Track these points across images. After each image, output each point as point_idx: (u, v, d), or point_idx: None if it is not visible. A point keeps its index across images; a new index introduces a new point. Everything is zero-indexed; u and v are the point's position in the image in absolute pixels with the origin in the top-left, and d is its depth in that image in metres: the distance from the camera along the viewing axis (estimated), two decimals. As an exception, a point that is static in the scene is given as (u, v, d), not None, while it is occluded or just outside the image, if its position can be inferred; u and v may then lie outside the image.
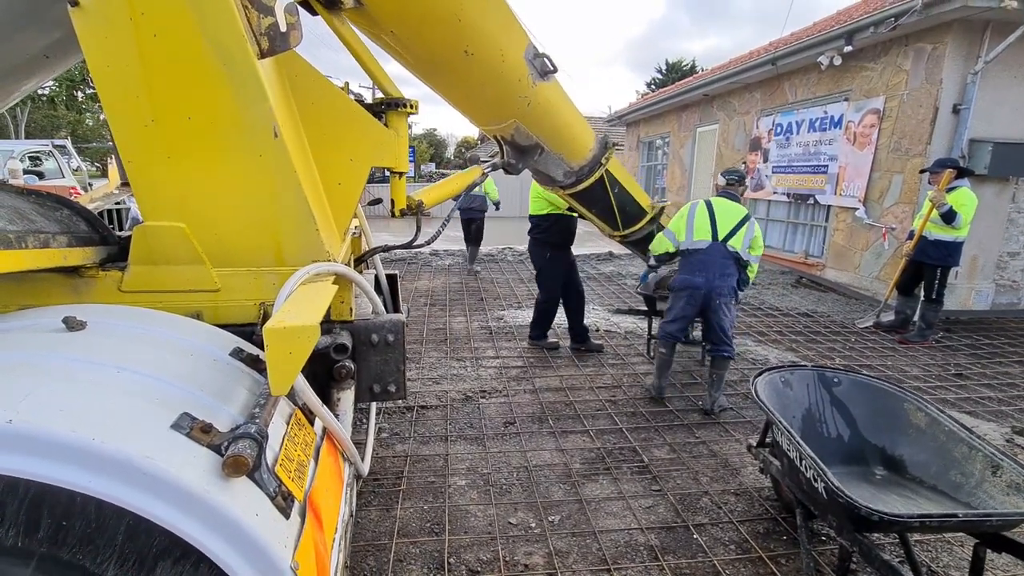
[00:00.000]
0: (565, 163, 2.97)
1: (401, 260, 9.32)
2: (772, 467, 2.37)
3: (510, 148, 2.71)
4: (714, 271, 3.36)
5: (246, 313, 1.47)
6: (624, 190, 3.39)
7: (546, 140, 2.72)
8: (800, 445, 1.97)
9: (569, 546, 2.28)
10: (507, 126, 2.53)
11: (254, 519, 0.86)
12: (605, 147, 3.15)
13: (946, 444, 2.07)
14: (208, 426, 0.93)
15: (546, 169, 3.01)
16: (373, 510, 2.48)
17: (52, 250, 1.23)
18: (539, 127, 2.61)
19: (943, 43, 5.69)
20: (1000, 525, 1.72)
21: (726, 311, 3.41)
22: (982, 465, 1.91)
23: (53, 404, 0.82)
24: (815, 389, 2.47)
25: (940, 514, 1.71)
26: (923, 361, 4.65)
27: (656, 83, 31.01)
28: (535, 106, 2.44)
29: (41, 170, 9.32)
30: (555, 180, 3.15)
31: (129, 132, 1.30)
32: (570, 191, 3.23)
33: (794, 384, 2.47)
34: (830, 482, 1.78)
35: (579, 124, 2.92)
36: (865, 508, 1.66)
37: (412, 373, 4.17)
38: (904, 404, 2.29)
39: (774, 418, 2.17)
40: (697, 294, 3.41)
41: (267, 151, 1.37)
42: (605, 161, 3.14)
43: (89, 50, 1.24)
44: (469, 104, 2.49)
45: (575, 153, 2.97)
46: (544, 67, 2.36)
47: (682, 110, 11.71)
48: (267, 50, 1.34)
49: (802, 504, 2.11)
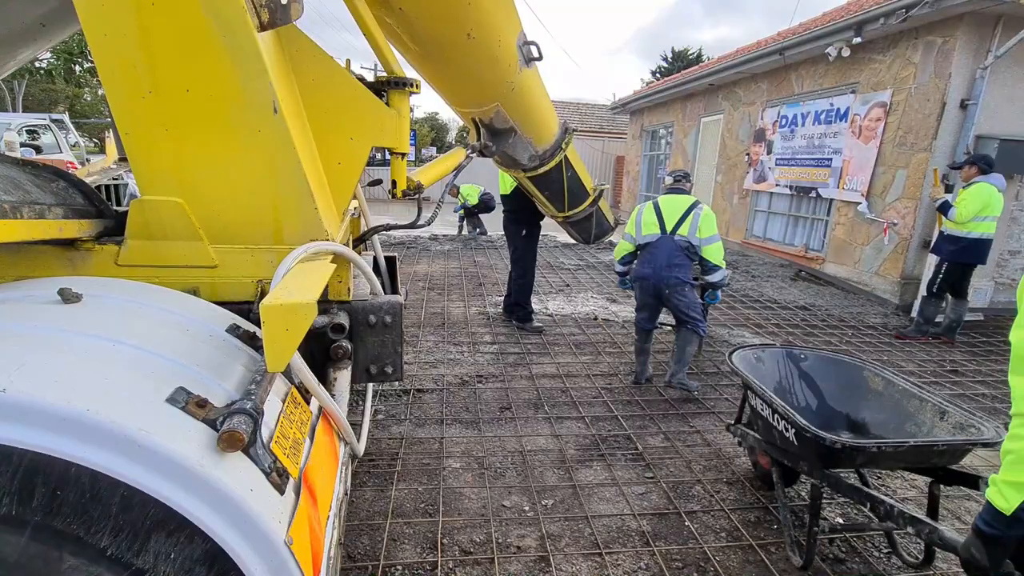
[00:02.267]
0: (532, 147, 3.10)
1: (400, 244, 9.30)
2: (749, 438, 2.53)
3: (487, 131, 2.78)
4: (661, 262, 3.48)
5: (243, 290, 1.47)
6: (576, 174, 3.55)
7: (520, 124, 2.82)
8: (772, 398, 2.17)
9: (562, 530, 2.30)
10: (488, 109, 2.61)
11: (248, 494, 0.87)
12: (565, 132, 3.30)
13: (900, 401, 2.28)
14: (204, 401, 0.92)
15: (514, 152, 3.11)
16: (368, 490, 2.50)
17: (48, 221, 1.21)
18: (517, 111, 2.71)
19: (953, 37, 5.62)
20: (945, 452, 1.91)
21: (681, 296, 3.49)
22: (931, 413, 2.13)
23: (48, 375, 0.82)
24: (784, 365, 2.63)
25: (894, 441, 1.89)
26: (919, 357, 4.67)
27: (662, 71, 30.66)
28: (517, 91, 2.52)
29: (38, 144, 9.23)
30: (519, 163, 3.25)
31: (126, 103, 1.28)
32: (531, 174, 3.35)
33: (766, 360, 2.63)
34: (798, 423, 1.98)
35: (549, 110, 3.05)
36: (829, 438, 1.87)
37: (409, 357, 4.18)
38: (863, 372, 2.48)
39: (749, 380, 2.34)
40: (647, 284, 3.57)
41: (266, 127, 1.35)
42: (565, 146, 3.28)
43: (86, 18, 1.21)
44: (458, 86, 2.55)
45: (542, 137, 3.10)
46: (530, 54, 2.44)
47: (687, 99, 11.60)
48: (267, 22, 1.31)
49: (778, 463, 2.32)
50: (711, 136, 10.80)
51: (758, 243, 8.94)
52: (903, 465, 2.13)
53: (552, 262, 8.34)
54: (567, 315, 5.49)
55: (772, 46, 7.91)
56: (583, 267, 8.13)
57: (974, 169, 4.80)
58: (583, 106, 23.29)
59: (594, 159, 18.13)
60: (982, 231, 4.75)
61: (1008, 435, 1.25)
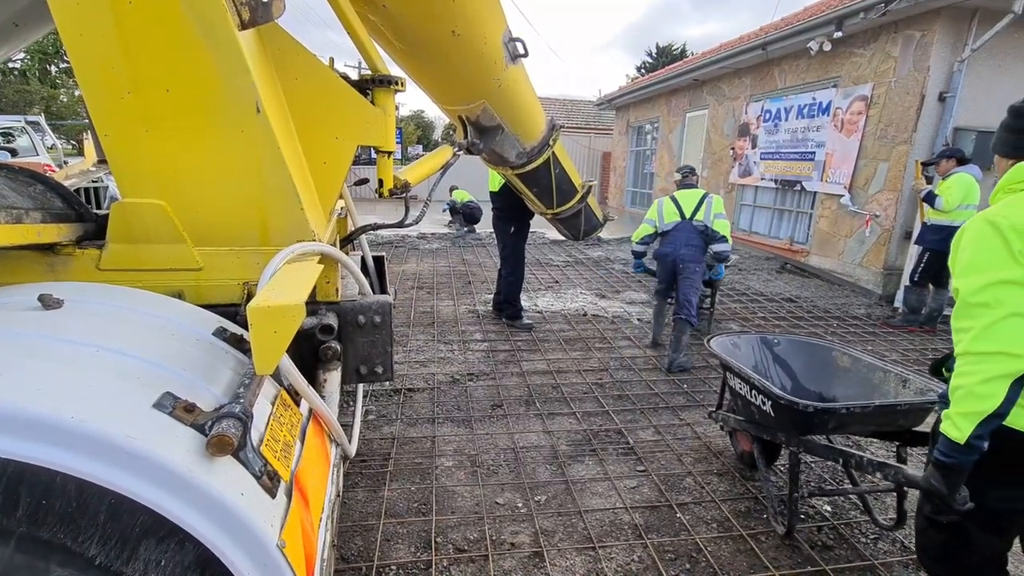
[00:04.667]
0: (520, 144, 3.08)
1: (388, 243, 9.24)
2: (731, 421, 2.69)
3: (474, 128, 2.76)
4: (680, 241, 4.16)
5: (229, 293, 1.45)
6: (564, 171, 3.54)
7: (507, 121, 2.81)
8: (749, 374, 2.34)
9: (555, 525, 2.31)
10: (475, 107, 2.59)
11: (239, 498, 0.86)
12: (553, 129, 3.28)
13: (867, 375, 2.44)
14: (191, 405, 0.91)
15: (501, 150, 3.08)
16: (360, 491, 2.49)
17: (25, 226, 1.19)
18: (504, 108, 2.70)
19: (931, 30, 5.72)
20: (908, 412, 2.07)
21: (691, 273, 4.13)
22: (895, 383, 2.29)
23: (30, 382, 0.80)
24: (759, 350, 2.79)
25: (860, 403, 2.03)
26: (902, 346, 4.76)
27: (646, 67, 30.79)
28: (503, 88, 2.50)
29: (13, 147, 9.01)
30: (507, 161, 3.23)
31: (105, 104, 1.25)
32: (518, 171, 3.33)
33: (742, 346, 2.79)
34: (772, 392, 2.15)
35: (536, 107, 3.03)
36: (802, 403, 2.05)
37: (399, 356, 4.16)
38: (832, 352, 2.65)
39: (727, 361, 2.51)
40: (667, 260, 4.25)
41: (249, 126, 1.33)
42: (552, 143, 3.26)
43: (61, 17, 1.18)
44: (444, 84, 2.53)
45: (530, 134, 3.09)
46: (516, 51, 2.42)
47: (672, 95, 11.66)
48: (248, 20, 1.29)
49: (758, 440, 2.46)
50: (696, 131, 10.87)
51: (744, 237, 9.03)
52: (872, 428, 2.22)
53: (541, 259, 8.35)
54: (556, 312, 5.51)
55: (754, 41, 7.98)
56: (572, 264, 8.15)
57: (952, 161, 4.92)
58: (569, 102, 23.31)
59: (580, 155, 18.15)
60: (964, 220, 4.84)
61: (955, 373, 1.37)
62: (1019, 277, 1.29)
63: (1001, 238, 1.33)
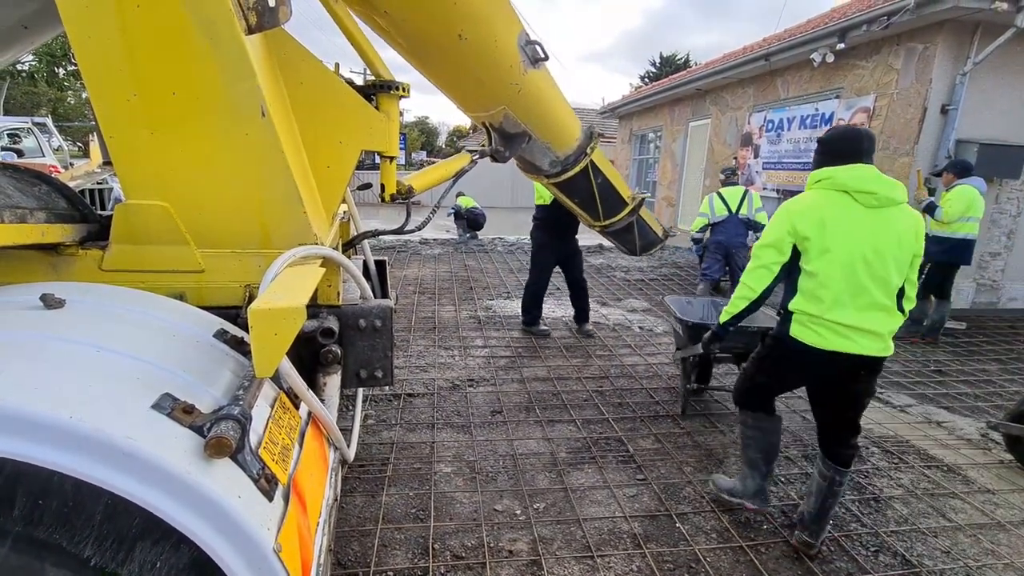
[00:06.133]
0: (551, 152, 2.98)
1: (390, 248, 9.26)
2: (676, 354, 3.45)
3: (498, 135, 2.69)
4: (731, 232, 5.67)
5: (231, 295, 1.45)
6: (607, 181, 3.43)
7: (534, 128, 2.71)
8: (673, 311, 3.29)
9: (553, 533, 2.30)
10: (496, 113, 2.51)
11: (236, 501, 0.85)
12: (590, 137, 3.18)
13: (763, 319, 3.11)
14: (190, 407, 0.91)
15: (532, 158, 3.01)
16: (358, 496, 2.48)
17: (29, 226, 1.19)
18: (528, 115, 2.61)
19: (934, 43, 5.74)
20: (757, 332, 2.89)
21: (742, 255, 5.55)
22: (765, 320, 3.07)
23: (29, 382, 0.80)
24: (708, 308, 3.60)
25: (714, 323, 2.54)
26: (904, 357, 4.74)
27: (650, 76, 30.94)
28: (525, 94, 2.43)
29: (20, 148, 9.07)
30: (540, 169, 3.15)
31: (111, 106, 1.27)
32: (555, 180, 3.24)
33: (695, 304, 3.64)
34: (679, 317, 3.22)
35: (567, 113, 2.92)
36: (686, 320, 3.16)
37: (400, 361, 4.16)
38: None
39: (669, 307, 3.43)
40: (721, 246, 5.70)
41: (254, 130, 1.34)
42: (590, 151, 3.16)
43: (69, 20, 1.19)
44: (460, 90, 2.47)
45: (562, 142, 2.98)
46: (535, 54, 2.34)
47: (675, 104, 11.70)
48: (255, 26, 1.30)
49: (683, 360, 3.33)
50: (699, 140, 10.90)
51: (746, 246, 9.02)
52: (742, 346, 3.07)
53: (542, 265, 8.36)
54: (558, 318, 5.50)
55: (758, 52, 8.01)
56: (573, 270, 8.14)
57: (952, 174, 4.96)
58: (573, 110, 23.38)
59: (583, 163, 18.19)
60: (966, 232, 4.85)
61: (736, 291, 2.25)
62: (777, 243, 2.08)
63: (787, 218, 2.06)
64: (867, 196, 1.95)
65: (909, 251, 1.98)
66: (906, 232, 1.96)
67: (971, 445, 3.21)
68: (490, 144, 2.73)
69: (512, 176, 17.45)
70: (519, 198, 18.77)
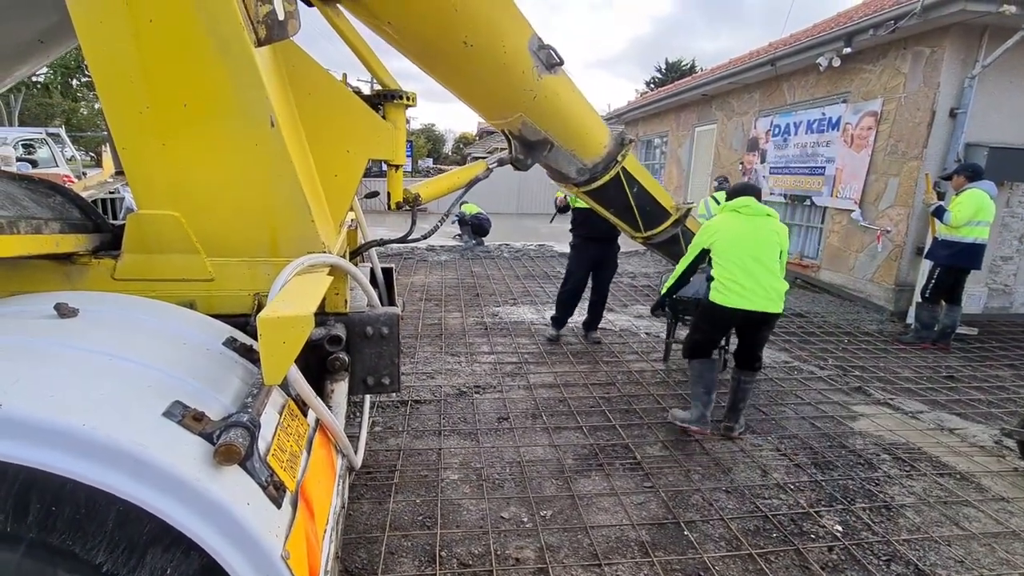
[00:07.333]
0: (577, 159, 2.86)
1: (397, 255, 9.30)
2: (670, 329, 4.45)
3: (518, 143, 2.61)
4: None
5: (240, 303, 1.47)
6: (644, 190, 3.26)
7: (555, 135, 2.63)
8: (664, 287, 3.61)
9: (560, 541, 2.29)
10: (514, 120, 2.45)
11: (245, 508, 0.86)
12: (622, 144, 3.03)
13: None
14: (200, 414, 0.92)
15: (557, 165, 2.89)
16: (365, 503, 2.48)
17: (44, 236, 1.22)
18: (547, 121, 2.53)
19: (941, 47, 5.71)
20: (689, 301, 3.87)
21: None
22: None
23: (43, 389, 0.82)
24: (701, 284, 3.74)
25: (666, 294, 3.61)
26: (915, 363, 4.69)
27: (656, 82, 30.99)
28: (542, 99, 2.37)
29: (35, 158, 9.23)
30: (568, 177, 3.01)
31: (124, 118, 1.29)
32: (584, 189, 3.09)
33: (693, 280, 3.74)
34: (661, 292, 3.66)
35: (591, 119, 2.81)
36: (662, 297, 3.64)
37: (406, 368, 4.17)
38: None
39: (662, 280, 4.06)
40: None
41: (263, 140, 1.36)
42: (621, 159, 3.01)
43: (84, 34, 1.22)
44: (473, 97, 2.43)
45: (587, 149, 2.86)
46: (550, 59, 2.28)
47: (681, 109, 11.71)
48: (264, 38, 1.32)
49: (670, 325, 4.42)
50: (705, 145, 10.89)
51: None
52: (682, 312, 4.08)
53: (549, 271, 8.36)
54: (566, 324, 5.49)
55: (763, 57, 8.02)
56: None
57: (962, 178, 4.90)
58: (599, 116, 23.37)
59: (589, 169, 18.20)
60: (976, 236, 4.79)
61: None
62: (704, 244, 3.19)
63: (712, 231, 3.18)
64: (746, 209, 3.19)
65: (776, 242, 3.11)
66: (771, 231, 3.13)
67: (984, 452, 3.17)
68: (511, 152, 2.67)
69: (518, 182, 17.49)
70: (524, 204, 18.79)
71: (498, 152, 2.76)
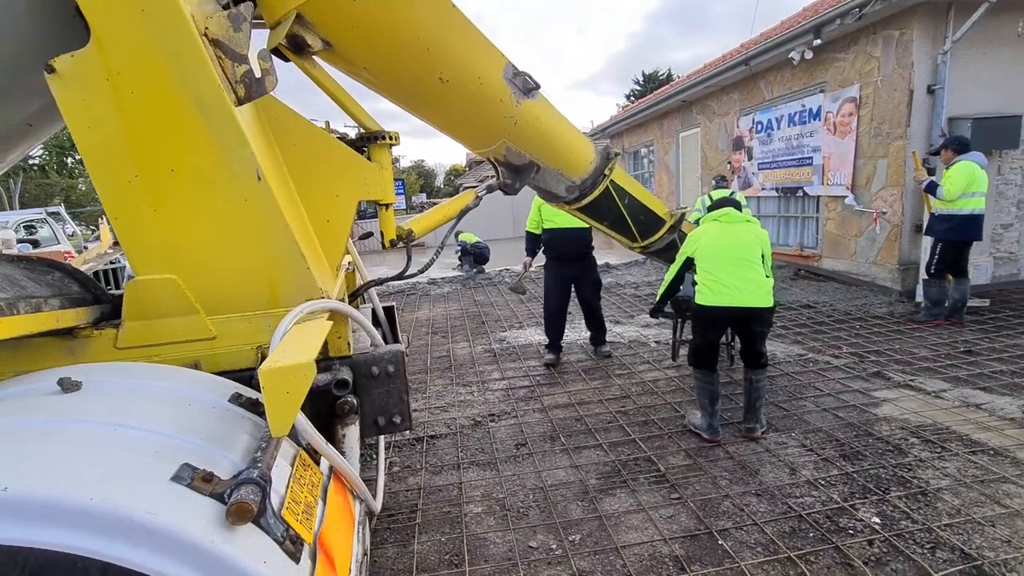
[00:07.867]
0: (565, 178, 2.90)
1: (399, 292, 9.33)
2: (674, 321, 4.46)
3: (505, 169, 2.65)
4: None
5: (244, 358, 1.47)
6: (635, 200, 3.31)
7: (540, 157, 2.67)
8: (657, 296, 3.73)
9: (592, 565, 2.23)
10: (498, 147, 2.49)
11: (263, 567, 0.84)
12: (607, 158, 3.07)
13: None
14: (209, 475, 0.91)
15: (547, 186, 2.93)
16: (390, 547, 2.43)
17: (44, 314, 1.23)
18: (530, 145, 2.57)
19: (910, 28, 5.81)
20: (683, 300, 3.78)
21: None
22: None
23: (48, 467, 0.81)
24: None
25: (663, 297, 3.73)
26: (931, 341, 4.62)
27: (635, 94, 31.51)
28: (523, 124, 2.41)
29: (36, 238, 9.42)
30: (558, 196, 3.06)
31: (114, 189, 1.32)
32: (576, 206, 3.13)
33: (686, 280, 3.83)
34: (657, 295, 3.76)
35: (574, 137, 2.86)
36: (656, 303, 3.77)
37: (419, 403, 4.13)
38: None
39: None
40: None
41: (252, 195, 1.38)
42: (609, 172, 3.06)
43: (69, 114, 1.26)
44: (455, 129, 2.48)
45: (574, 167, 2.90)
46: (526, 84, 2.33)
47: (663, 117, 11.87)
48: (244, 97, 1.36)
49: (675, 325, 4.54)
50: (691, 150, 11.00)
51: (753, 247, 8.97)
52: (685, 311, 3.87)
53: (551, 291, 8.35)
54: (572, 342, 5.46)
55: (737, 57, 8.16)
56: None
57: (950, 151, 4.92)
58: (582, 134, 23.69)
59: (580, 185, 18.38)
60: (972, 207, 4.78)
61: None
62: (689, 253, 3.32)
63: (695, 240, 3.31)
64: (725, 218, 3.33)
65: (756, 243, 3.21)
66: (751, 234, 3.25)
67: (1015, 424, 3.09)
68: (498, 178, 2.69)
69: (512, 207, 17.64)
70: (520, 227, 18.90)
71: (487, 179, 2.79)
